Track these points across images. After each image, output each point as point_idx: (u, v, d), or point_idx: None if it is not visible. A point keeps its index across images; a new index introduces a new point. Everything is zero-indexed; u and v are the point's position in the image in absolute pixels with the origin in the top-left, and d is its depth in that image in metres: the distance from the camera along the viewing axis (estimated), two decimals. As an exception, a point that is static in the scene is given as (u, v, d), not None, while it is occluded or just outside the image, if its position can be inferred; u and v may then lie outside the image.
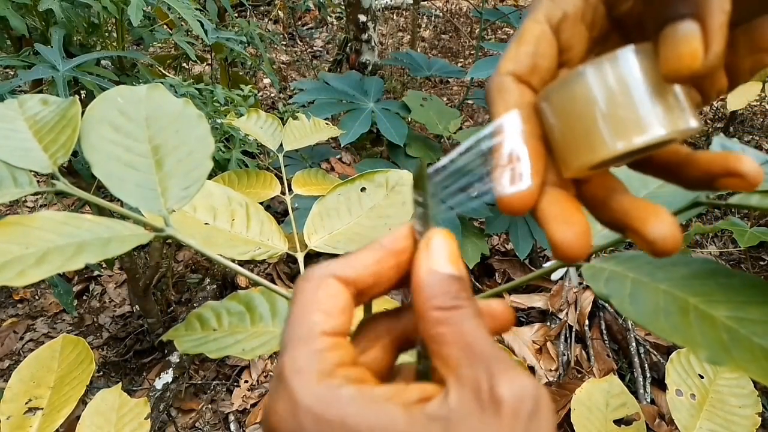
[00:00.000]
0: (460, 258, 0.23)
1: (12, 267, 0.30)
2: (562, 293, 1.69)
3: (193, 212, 0.55)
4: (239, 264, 0.47)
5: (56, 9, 1.06)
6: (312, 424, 0.19)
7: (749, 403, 0.62)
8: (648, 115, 0.21)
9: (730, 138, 0.36)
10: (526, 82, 0.24)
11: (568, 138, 0.22)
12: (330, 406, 0.19)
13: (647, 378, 1.44)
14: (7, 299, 1.85)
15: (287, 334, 0.21)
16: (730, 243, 1.98)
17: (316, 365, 0.20)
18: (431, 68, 2.20)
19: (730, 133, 2.51)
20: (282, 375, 0.20)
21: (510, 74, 0.24)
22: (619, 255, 0.31)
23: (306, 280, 0.23)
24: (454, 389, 0.19)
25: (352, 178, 0.61)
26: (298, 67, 3.31)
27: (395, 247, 0.23)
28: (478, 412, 0.18)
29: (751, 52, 0.23)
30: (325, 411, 0.19)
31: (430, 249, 0.22)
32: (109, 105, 0.44)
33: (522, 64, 0.24)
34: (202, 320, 0.54)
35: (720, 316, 0.25)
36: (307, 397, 0.19)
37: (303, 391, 0.19)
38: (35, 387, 0.62)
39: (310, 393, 0.19)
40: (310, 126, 0.92)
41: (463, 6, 4.02)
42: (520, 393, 0.18)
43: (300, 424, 0.19)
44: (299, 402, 0.19)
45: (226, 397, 1.54)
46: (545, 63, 0.24)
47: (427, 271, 0.22)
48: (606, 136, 0.21)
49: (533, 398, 0.19)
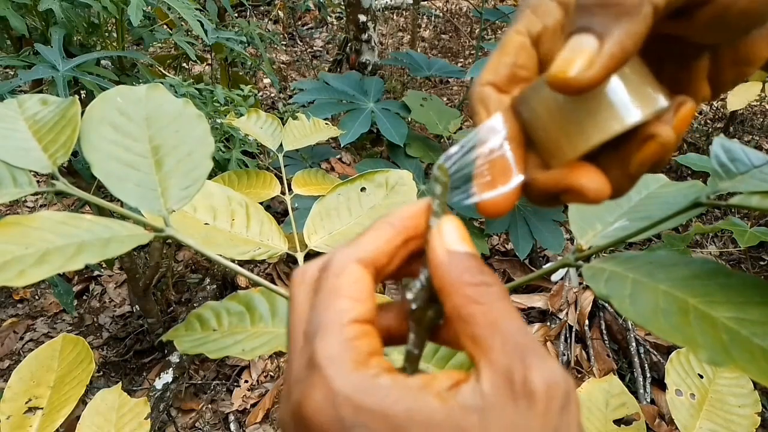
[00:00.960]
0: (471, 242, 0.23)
1: (12, 267, 0.30)
2: (562, 293, 1.69)
3: (193, 212, 0.55)
4: (239, 264, 0.47)
5: (56, 9, 1.06)
6: (352, 413, 0.19)
7: (749, 402, 0.62)
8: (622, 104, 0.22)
9: (730, 138, 0.36)
10: (505, 91, 0.25)
11: (551, 134, 0.23)
12: (369, 395, 0.19)
13: (647, 378, 1.45)
14: (7, 299, 1.85)
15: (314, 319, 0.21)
16: (730, 243, 1.98)
17: (349, 354, 0.20)
18: (431, 68, 2.20)
19: (730, 133, 2.51)
20: (315, 363, 0.20)
21: (489, 84, 0.25)
22: (618, 255, 0.31)
23: (325, 269, 0.22)
24: (487, 375, 0.19)
25: (352, 178, 0.61)
26: (298, 67, 3.31)
27: (405, 224, 0.24)
28: (512, 402, 0.19)
29: (734, 65, 0.25)
30: (365, 400, 0.19)
31: (442, 231, 0.23)
32: (109, 105, 0.44)
33: (501, 74, 0.24)
34: (202, 320, 0.54)
35: (720, 317, 0.25)
36: (345, 386, 0.19)
37: (341, 379, 0.19)
38: (35, 386, 0.62)
39: (348, 382, 0.19)
40: (310, 126, 0.92)
41: (463, 6, 4.02)
42: (553, 386, 0.19)
43: (339, 413, 0.19)
44: (338, 390, 0.19)
45: (226, 397, 1.54)
46: (524, 73, 0.25)
47: (445, 251, 0.22)
48: (586, 128, 0.22)
49: (565, 391, 0.19)
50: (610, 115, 0.22)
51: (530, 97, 0.24)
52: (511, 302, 0.22)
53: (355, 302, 0.21)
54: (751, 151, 0.34)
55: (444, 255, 0.22)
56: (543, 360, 0.19)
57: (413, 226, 0.24)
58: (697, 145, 2.47)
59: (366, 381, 0.19)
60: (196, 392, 1.56)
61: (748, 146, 0.35)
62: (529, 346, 0.20)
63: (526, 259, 1.79)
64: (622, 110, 0.22)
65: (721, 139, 0.35)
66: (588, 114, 0.22)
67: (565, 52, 0.21)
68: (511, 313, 0.21)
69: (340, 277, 0.22)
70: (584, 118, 0.22)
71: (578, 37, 0.21)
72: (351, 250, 0.23)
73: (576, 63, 0.21)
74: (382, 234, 0.23)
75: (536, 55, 0.25)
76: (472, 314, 0.21)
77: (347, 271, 0.22)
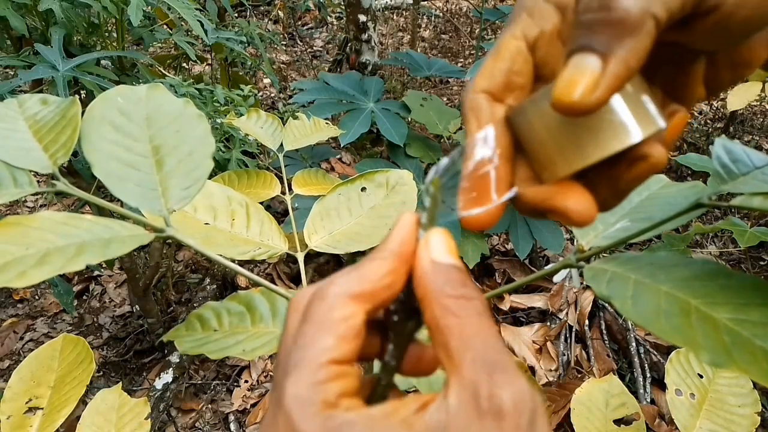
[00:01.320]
0: (458, 254, 0.23)
1: (12, 268, 0.30)
2: (562, 293, 1.69)
3: (193, 212, 0.55)
4: (239, 264, 0.47)
5: (56, 9, 1.06)
6: None
7: (749, 402, 0.62)
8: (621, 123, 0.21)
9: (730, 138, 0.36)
10: (499, 99, 0.24)
11: (547, 149, 0.23)
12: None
13: (647, 378, 1.45)
14: (7, 299, 1.84)
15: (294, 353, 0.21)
16: (730, 243, 1.98)
17: (319, 396, 0.20)
18: (431, 68, 2.20)
19: (730, 133, 2.51)
20: (283, 403, 0.20)
21: (483, 92, 0.24)
22: (620, 256, 0.31)
23: (320, 299, 0.22)
24: (455, 389, 0.19)
25: (352, 178, 0.61)
26: (298, 67, 3.31)
27: (405, 250, 0.23)
28: (478, 418, 0.18)
29: (732, 68, 0.24)
30: None
31: (429, 243, 0.23)
32: (109, 105, 0.44)
33: (496, 81, 0.24)
34: (202, 320, 0.54)
35: (721, 318, 0.25)
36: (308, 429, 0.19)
37: (305, 423, 0.19)
38: (35, 387, 0.62)
39: (312, 425, 0.19)
40: (310, 126, 0.92)
41: (463, 6, 4.02)
42: (520, 403, 0.18)
43: None
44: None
45: (226, 397, 1.54)
46: (520, 80, 0.24)
47: (429, 261, 0.22)
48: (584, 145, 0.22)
49: (531, 409, 0.19)
50: (610, 134, 0.22)
51: (527, 110, 0.23)
52: (491, 318, 0.21)
53: (341, 341, 0.21)
54: (752, 152, 0.34)
55: (428, 265, 0.22)
56: (511, 377, 0.19)
57: (408, 252, 0.23)
58: (697, 145, 2.47)
59: (330, 423, 0.19)
60: (196, 392, 1.56)
61: (748, 146, 0.35)
62: (500, 362, 0.20)
63: (526, 259, 1.79)
64: (623, 130, 0.22)
65: (723, 140, 0.35)
66: (587, 132, 0.22)
67: (567, 73, 0.20)
68: (487, 329, 0.21)
69: (331, 312, 0.21)
70: (583, 136, 0.22)
71: (580, 57, 0.20)
72: (349, 284, 0.22)
73: (580, 85, 0.20)
74: (384, 264, 0.23)
75: (532, 60, 0.24)
76: (449, 326, 0.21)
77: (340, 308, 0.22)
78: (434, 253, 0.23)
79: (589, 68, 0.20)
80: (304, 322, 0.22)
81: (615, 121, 0.22)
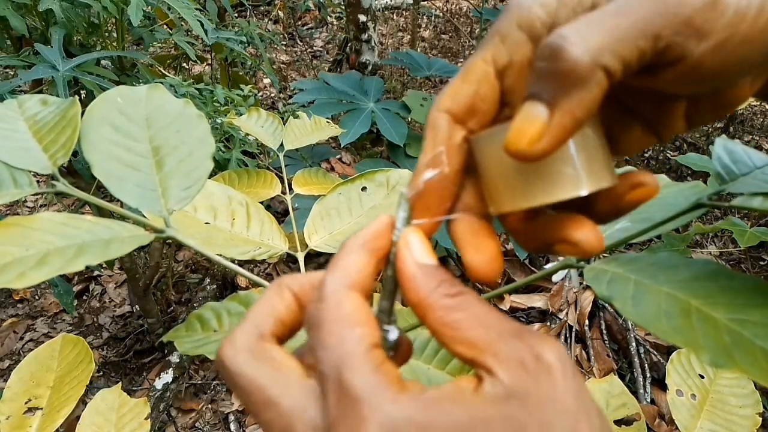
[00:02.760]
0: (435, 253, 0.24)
1: (12, 269, 0.30)
2: (562, 293, 1.69)
3: (193, 212, 0.54)
4: (239, 264, 0.47)
5: (56, 9, 1.06)
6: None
7: (750, 403, 0.62)
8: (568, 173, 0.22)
9: (730, 138, 0.36)
10: (461, 121, 0.24)
11: (497, 183, 0.23)
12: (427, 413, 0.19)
13: (647, 378, 1.45)
14: (7, 299, 1.84)
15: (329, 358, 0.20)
16: (730, 243, 1.98)
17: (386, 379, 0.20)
18: (431, 68, 2.20)
19: (730, 133, 2.51)
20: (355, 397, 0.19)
21: (446, 112, 0.24)
22: (620, 256, 0.31)
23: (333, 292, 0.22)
24: (499, 367, 0.20)
25: (352, 177, 0.61)
26: (298, 67, 3.31)
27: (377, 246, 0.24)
28: (534, 381, 0.19)
29: (713, 109, 0.24)
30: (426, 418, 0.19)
31: (409, 245, 0.23)
32: (109, 105, 0.44)
33: (460, 103, 0.24)
34: (202, 321, 0.53)
35: (722, 319, 0.25)
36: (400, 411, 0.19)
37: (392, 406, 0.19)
38: (35, 387, 0.62)
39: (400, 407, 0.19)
40: (310, 124, 0.92)
41: (463, 6, 4.02)
42: (560, 353, 0.20)
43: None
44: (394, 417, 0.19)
45: (226, 397, 1.54)
46: (484, 105, 0.24)
47: (415, 265, 0.23)
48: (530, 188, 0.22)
49: (568, 357, 0.20)
50: (556, 182, 0.22)
51: (484, 142, 0.23)
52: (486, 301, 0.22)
53: (367, 328, 0.21)
54: (753, 152, 0.34)
55: (415, 270, 0.22)
56: (540, 336, 0.20)
57: (382, 246, 0.24)
58: (697, 145, 2.47)
59: (416, 401, 0.19)
60: (196, 392, 1.56)
61: (748, 146, 0.35)
62: (522, 328, 0.21)
63: (526, 259, 1.79)
64: (569, 180, 0.22)
65: (723, 140, 0.35)
66: (536, 175, 0.22)
67: (518, 120, 0.21)
68: (493, 310, 0.22)
69: (341, 307, 0.21)
70: (531, 179, 0.22)
71: (530, 104, 0.20)
72: (339, 279, 0.22)
73: (527, 133, 0.20)
74: (362, 258, 0.23)
75: (499, 87, 0.23)
76: (458, 320, 0.21)
77: (347, 300, 0.22)
78: (416, 255, 0.23)
79: (536, 118, 0.20)
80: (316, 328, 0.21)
81: (562, 171, 0.22)
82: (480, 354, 0.20)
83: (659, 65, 0.21)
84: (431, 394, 0.20)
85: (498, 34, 0.23)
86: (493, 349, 0.20)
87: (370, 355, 0.20)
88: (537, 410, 0.18)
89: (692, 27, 0.19)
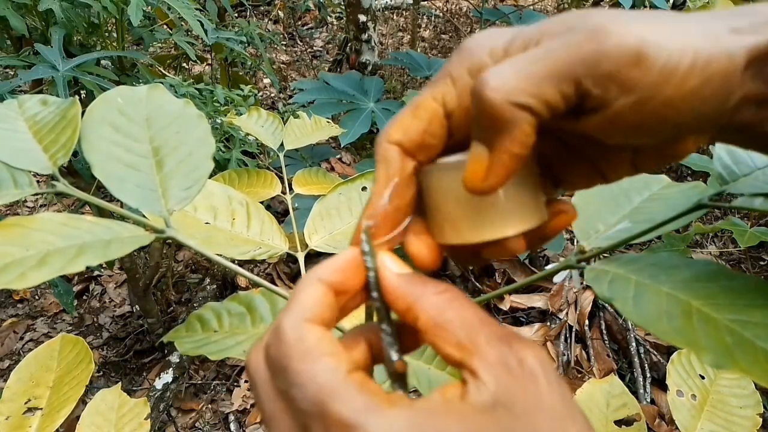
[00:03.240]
0: None
1: (12, 269, 0.30)
2: (562, 293, 1.69)
3: (193, 212, 0.54)
4: (239, 264, 0.47)
5: (56, 9, 1.06)
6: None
7: (750, 403, 0.62)
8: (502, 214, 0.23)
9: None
10: (411, 154, 0.24)
11: (438, 216, 0.25)
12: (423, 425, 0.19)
13: (647, 378, 1.44)
14: (7, 299, 1.84)
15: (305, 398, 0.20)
16: (730, 243, 1.98)
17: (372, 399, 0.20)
18: (431, 68, 2.20)
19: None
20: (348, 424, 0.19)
21: (397, 144, 0.24)
22: (621, 257, 0.31)
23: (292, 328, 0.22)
24: (484, 371, 0.20)
25: (352, 177, 0.61)
26: (298, 67, 3.31)
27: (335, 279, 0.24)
28: (519, 386, 0.19)
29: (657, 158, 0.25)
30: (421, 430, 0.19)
31: (384, 263, 0.24)
32: (110, 105, 0.44)
33: (410, 138, 0.24)
34: (202, 321, 0.53)
35: (723, 319, 0.25)
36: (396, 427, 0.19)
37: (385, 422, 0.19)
38: (34, 387, 0.62)
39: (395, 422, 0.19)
40: (311, 124, 0.92)
41: (463, 6, 4.02)
42: (543, 359, 0.20)
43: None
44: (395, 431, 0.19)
45: (226, 397, 1.54)
46: (433, 141, 0.24)
47: (396, 276, 0.23)
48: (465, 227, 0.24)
49: (550, 361, 0.21)
50: (490, 222, 0.23)
51: (430, 176, 0.25)
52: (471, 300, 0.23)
53: (336, 355, 0.21)
54: (754, 153, 0.34)
55: (397, 279, 0.23)
56: (524, 341, 0.21)
57: (341, 279, 0.24)
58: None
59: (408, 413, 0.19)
60: (196, 392, 1.56)
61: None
62: (507, 332, 0.21)
63: (526, 259, 1.79)
64: (501, 221, 0.23)
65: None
66: (474, 213, 0.24)
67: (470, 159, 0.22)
68: (478, 310, 0.22)
69: (304, 342, 0.21)
70: (469, 217, 0.24)
71: (475, 145, 0.22)
72: (296, 315, 0.22)
73: (478, 171, 0.22)
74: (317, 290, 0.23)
75: (447, 125, 0.24)
76: (449, 320, 0.21)
77: (308, 333, 0.21)
78: (394, 269, 0.24)
79: (480, 157, 0.22)
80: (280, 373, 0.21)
81: (498, 212, 0.23)
82: (468, 356, 0.21)
83: (583, 110, 0.21)
84: (421, 405, 0.20)
85: (449, 75, 0.24)
86: (481, 353, 0.20)
87: (350, 380, 0.20)
88: (524, 416, 0.19)
89: (612, 80, 0.19)
